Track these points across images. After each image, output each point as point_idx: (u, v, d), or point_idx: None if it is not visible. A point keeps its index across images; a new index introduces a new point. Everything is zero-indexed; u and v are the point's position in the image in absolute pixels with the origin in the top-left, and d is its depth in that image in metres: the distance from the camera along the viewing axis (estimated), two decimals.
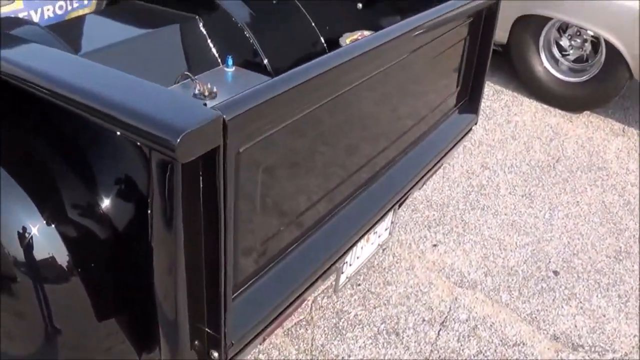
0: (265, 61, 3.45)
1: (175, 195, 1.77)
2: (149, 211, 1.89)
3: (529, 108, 6.10)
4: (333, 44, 3.65)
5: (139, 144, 1.96)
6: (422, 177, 3.20)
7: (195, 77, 3.13)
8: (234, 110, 1.77)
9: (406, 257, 4.11)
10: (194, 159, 1.70)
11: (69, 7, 3.95)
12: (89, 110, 1.85)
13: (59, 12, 3.90)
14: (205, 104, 1.76)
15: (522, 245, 4.32)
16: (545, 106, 6.14)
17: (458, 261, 4.12)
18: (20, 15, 3.69)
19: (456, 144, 3.49)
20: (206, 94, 3.00)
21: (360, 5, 3.69)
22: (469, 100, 3.60)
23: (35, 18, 3.78)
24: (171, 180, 1.76)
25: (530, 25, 6.02)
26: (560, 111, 6.07)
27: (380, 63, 2.58)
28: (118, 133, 1.82)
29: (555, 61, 6.12)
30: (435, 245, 4.24)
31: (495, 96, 6.26)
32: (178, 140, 1.59)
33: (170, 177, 1.75)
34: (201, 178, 1.81)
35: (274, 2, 3.70)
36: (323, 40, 3.74)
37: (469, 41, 3.36)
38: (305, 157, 2.40)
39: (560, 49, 6.10)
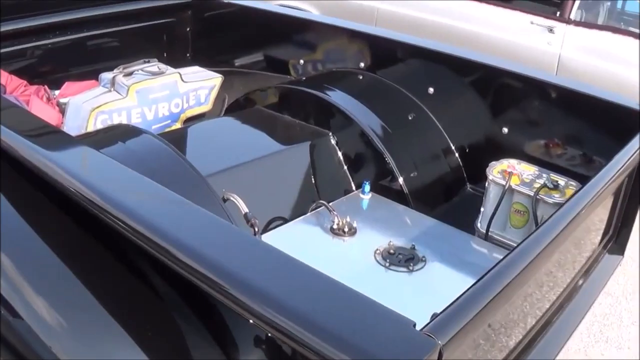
0: (401, 181, 3.15)
1: None
2: None
3: None
4: (471, 166, 3.38)
5: None
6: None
7: (330, 203, 2.85)
8: (446, 332, 1.43)
9: None
10: None
11: (186, 105, 3.70)
12: (247, 309, 1.51)
13: (174, 110, 3.65)
14: (414, 325, 1.42)
15: None
16: None
17: None
18: (133, 113, 3.45)
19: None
20: (345, 229, 2.75)
21: (506, 130, 3.35)
22: (616, 240, 3.28)
23: (149, 116, 3.53)
24: None
25: None
26: None
27: None
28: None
29: None
30: None
31: None
32: None
33: None
34: None
35: (410, 117, 3.41)
36: (462, 164, 3.43)
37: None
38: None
39: None
